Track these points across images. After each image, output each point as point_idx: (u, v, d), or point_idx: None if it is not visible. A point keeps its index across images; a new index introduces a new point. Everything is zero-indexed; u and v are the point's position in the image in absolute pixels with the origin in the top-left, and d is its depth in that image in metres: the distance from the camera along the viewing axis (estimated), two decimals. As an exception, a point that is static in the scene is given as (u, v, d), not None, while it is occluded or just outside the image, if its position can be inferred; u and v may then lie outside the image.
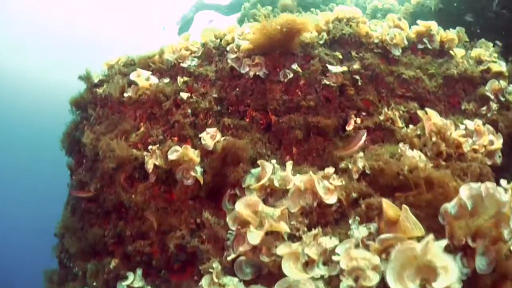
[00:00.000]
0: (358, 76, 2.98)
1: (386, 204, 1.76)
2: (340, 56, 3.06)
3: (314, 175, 2.14)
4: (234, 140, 2.53)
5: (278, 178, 2.26)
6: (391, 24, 3.34)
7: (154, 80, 3.10)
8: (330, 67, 2.91)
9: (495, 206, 1.54)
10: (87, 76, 3.55)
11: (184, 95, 2.98)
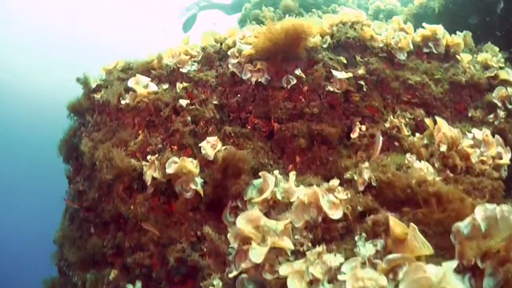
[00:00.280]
0: (363, 82, 2.87)
1: (394, 222, 1.69)
2: (344, 61, 2.94)
3: (318, 189, 2.06)
4: (235, 151, 2.44)
5: (281, 190, 2.19)
6: (396, 27, 3.25)
7: (153, 87, 3.02)
8: (334, 73, 2.81)
9: (508, 229, 1.47)
10: (85, 81, 3.47)
11: (184, 102, 2.90)
